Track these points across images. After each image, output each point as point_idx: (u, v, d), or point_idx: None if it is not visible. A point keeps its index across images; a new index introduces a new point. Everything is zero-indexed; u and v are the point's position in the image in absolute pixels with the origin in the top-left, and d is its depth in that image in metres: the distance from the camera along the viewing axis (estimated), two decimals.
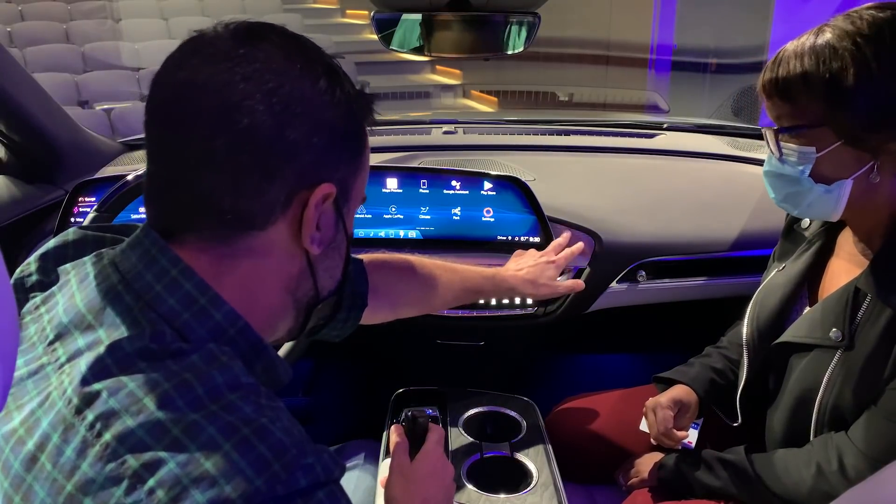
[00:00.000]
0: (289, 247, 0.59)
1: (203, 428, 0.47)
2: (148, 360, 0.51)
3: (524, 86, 4.80)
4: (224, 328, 0.56)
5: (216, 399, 0.49)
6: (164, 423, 0.47)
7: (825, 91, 0.85)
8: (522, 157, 1.74)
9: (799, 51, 0.88)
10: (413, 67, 7.80)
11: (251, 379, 0.53)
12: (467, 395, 1.31)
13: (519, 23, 1.22)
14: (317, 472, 0.49)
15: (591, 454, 1.25)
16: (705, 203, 1.52)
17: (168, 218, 0.57)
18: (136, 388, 0.49)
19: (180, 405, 0.48)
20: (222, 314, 0.56)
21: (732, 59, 5.62)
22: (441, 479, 0.85)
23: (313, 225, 0.58)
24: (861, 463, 0.89)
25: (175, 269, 0.55)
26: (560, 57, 6.05)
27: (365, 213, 1.43)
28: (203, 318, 0.55)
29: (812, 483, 0.93)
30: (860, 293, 0.91)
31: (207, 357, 0.52)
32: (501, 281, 1.12)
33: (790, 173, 0.92)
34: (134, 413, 0.47)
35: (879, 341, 0.88)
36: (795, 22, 4.88)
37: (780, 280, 1.06)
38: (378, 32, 1.27)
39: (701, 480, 1.05)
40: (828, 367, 0.92)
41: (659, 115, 3.47)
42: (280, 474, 0.47)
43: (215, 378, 0.50)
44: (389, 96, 6.40)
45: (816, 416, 0.95)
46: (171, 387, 0.49)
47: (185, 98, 0.54)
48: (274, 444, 0.48)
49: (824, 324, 0.94)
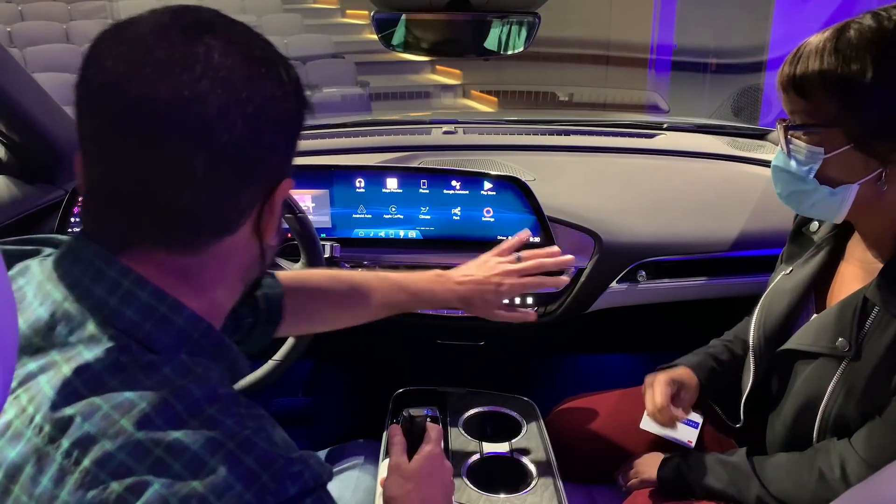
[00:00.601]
0: (251, 241, 0.59)
1: (186, 446, 0.46)
2: (118, 376, 0.49)
3: (524, 86, 4.80)
4: (188, 332, 0.54)
5: (196, 414, 0.48)
6: (144, 443, 0.46)
7: (841, 91, 0.84)
8: (522, 157, 1.74)
9: (820, 47, 0.85)
10: (413, 67, 7.80)
11: (228, 388, 0.52)
12: (467, 395, 1.31)
13: (519, 23, 1.22)
14: (305, 478, 0.49)
15: (591, 454, 1.25)
16: (705, 203, 1.52)
17: (122, 228, 0.54)
18: (112, 409, 0.47)
19: (160, 424, 0.47)
20: (184, 319, 0.54)
21: (732, 59, 5.62)
22: (439, 478, 0.85)
23: (277, 220, 0.59)
24: (864, 471, 0.87)
25: (126, 279, 0.53)
26: (560, 57, 6.04)
27: (365, 213, 1.43)
28: (166, 326, 0.53)
29: (814, 488, 0.92)
30: (868, 303, 0.89)
31: (181, 369, 0.51)
32: (436, 293, 1.05)
33: (796, 171, 0.91)
34: (112, 436, 0.46)
35: (886, 352, 0.86)
36: (795, 22, 4.88)
37: (787, 285, 1.04)
38: (378, 32, 1.28)
39: (701, 481, 1.04)
40: (833, 376, 0.91)
41: (659, 115, 3.46)
42: (269, 485, 0.47)
43: (192, 392, 0.49)
44: (389, 96, 6.41)
45: (819, 424, 0.93)
46: (148, 405, 0.47)
47: (152, 113, 0.50)
48: (260, 455, 0.48)
49: (831, 332, 0.92)
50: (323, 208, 1.43)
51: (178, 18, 0.53)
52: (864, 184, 0.87)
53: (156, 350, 0.52)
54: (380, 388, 1.42)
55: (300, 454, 0.51)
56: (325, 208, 1.43)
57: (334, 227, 1.44)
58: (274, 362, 1.18)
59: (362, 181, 1.42)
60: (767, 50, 5.14)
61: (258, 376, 1.18)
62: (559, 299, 1.41)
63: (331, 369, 1.93)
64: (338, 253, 1.33)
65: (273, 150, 0.56)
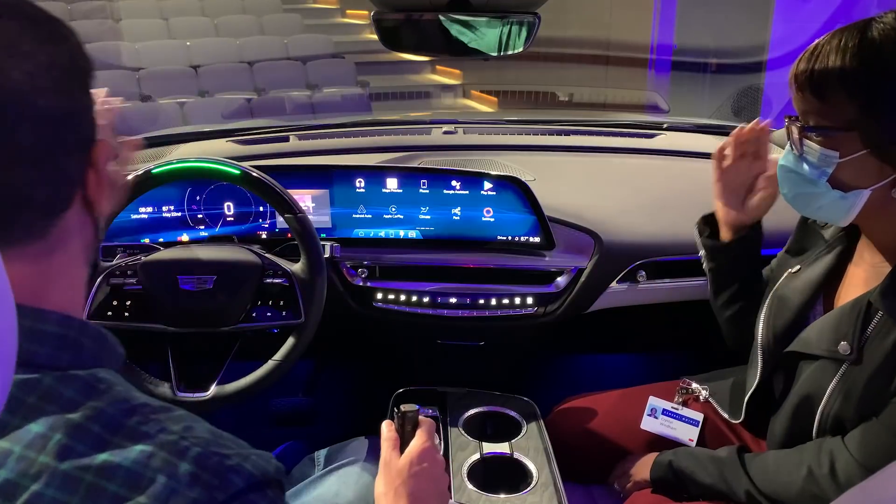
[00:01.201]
0: (84, 214, 0.57)
1: (117, 464, 0.45)
2: (16, 411, 0.45)
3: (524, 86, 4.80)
4: (63, 335, 0.51)
5: (117, 431, 0.46)
6: (71, 474, 0.44)
7: (862, 94, 0.81)
8: (522, 157, 1.74)
9: (842, 45, 0.82)
10: (413, 67, 7.80)
11: (138, 396, 0.51)
12: (467, 395, 1.31)
13: (519, 23, 1.22)
14: (248, 470, 0.48)
15: (591, 454, 1.25)
16: (705, 203, 1.51)
17: None
18: (25, 449, 0.44)
19: (82, 450, 0.45)
20: (54, 324, 0.51)
21: (732, 59, 5.61)
22: (430, 472, 0.84)
23: (107, 187, 0.57)
24: (853, 469, 0.87)
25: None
26: (560, 57, 6.04)
27: (365, 213, 1.43)
28: (38, 338, 0.50)
29: (802, 484, 0.91)
30: (872, 307, 0.88)
31: (84, 390, 0.48)
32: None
33: (807, 173, 0.88)
34: (35, 477, 0.43)
35: (886, 357, 0.86)
36: (795, 22, 4.88)
37: (797, 284, 1.03)
38: (378, 32, 1.28)
39: (692, 477, 1.04)
40: (832, 377, 0.91)
41: (659, 115, 3.47)
42: (212, 481, 0.46)
43: (105, 410, 0.47)
44: (389, 96, 6.41)
45: (818, 425, 0.93)
46: (63, 435, 0.45)
47: None
48: (195, 456, 0.47)
49: (834, 335, 0.91)
50: (323, 208, 1.43)
51: None
52: (876, 189, 0.85)
53: (36, 365, 0.48)
54: (380, 388, 1.42)
55: (237, 451, 0.50)
56: (325, 208, 1.43)
57: (334, 227, 1.44)
58: (274, 362, 1.18)
59: (362, 181, 1.42)
60: (767, 50, 5.14)
61: (258, 376, 1.18)
62: (559, 299, 1.41)
63: (331, 369, 1.92)
64: (338, 253, 1.33)
65: (84, 112, 0.55)
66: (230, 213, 1.41)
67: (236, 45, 6.99)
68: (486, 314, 1.41)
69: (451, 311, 1.41)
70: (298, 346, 1.17)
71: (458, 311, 1.41)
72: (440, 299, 1.41)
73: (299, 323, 1.17)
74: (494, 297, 1.41)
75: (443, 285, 1.41)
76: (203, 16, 7.81)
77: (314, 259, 1.18)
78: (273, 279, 1.18)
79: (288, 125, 1.98)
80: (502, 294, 1.41)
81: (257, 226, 1.43)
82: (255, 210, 1.42)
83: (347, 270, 1.42)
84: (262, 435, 1.61)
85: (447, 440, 1.19)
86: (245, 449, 0.51)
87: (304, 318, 1.17)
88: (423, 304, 1.41)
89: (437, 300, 1.41)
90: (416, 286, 1.41)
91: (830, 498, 0.88)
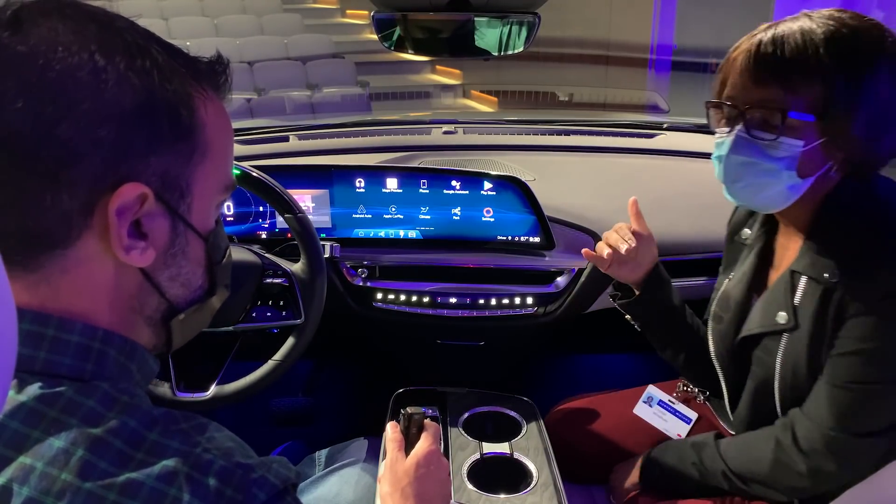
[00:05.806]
0: (108, 261, 0.51)
1: (140, 482, 0.44)
2: (36, 424, 0.44)
3: (524, 86, 4.79)
4: (87, 346, 0.49)
5: (139, 446, 0.45)
6: (95, 493, 0.43)
7: (837, 83, 0.79)
8: (522, 157, 1.74)
9: (815, 33, 0.80)
10: (413, 67, 7.80)
11: (158, 407, 0.49)
12: (467, 395, 1.31)
13: (519, 23, 1.22)
14: (271, 482, 0.48)
15: (591, 454, 1.25)
16: (705, 203, 1.52)
17: None
18: (47, 465, 0.43)
19: (104, 467, 0.44)
20: (78, 332, 0.49)
21: None
22: (435, 474, 0.84)
23: (122, 234, 0.49)
24: (811, 433, 0.89)
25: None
26: (560, 57, 6.05)
27: (365, 213, 1.43)
28: (60, 348, 0.48)
29: (772, 457, 0.93)
30: (796, 275, 0.91)
31: (106, 402, 0.47)
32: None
33: (766, 163, 0.86)
34: (58, 495, 0.43)
35: (817, 316, 0.88)
36: None
37: (731, 290, 1.05)
38: (378, 32, 1.28)
39: (674, 467, 1.07)
40: (778, 351, 0.93)
41: (659, 115, 3.46)
42: (236, 497, 0.46)
43: (127, 423, 0.46)
44: (389, 96, 6.41)
45: (780, 403, 0.95)
46: (85, 450, 0.44)
47: None
48: (218, 471, 0.46)
49: (770, 311, 0.94)
50: (323, 208, 1.43)
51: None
52: (818, 177, 0.86)
53: (56, 375, 0.47)
54: (380, 388, 1.42)
55: (259, 460, 0.49)
56: (325, 208, 1.43)
57: (334, 227, 1.44)
58: (274, 362, 1.17)
59: (362, 181, 1.42)
60: None
61: (258, 376, 1.17)
62: (559, 299, 1.41)
63: (331, 369, 1.92)
64: (337, 253, 1.33)
65: (88, 146, 0.47)
66: (230, 212, 1.41)
67: (236, 45, 7.00)
68: (486, 314, 1.42)
69: (451, 311, 1.41)
70: (298, 346, 1.17)
71: (458, 311, 1.41)
72: (440, 299, 1.41)
73: (299, 323, 1.17)
74: (494, 297, 1.41)
75: (443, 285, 1.41)
76: (203, 16, 7.81)
77: (314, 259, 1.18)
78: (273, 279, 1.18)
79: (288, 125, 1.98)
80: (502, 294, 1.41)
81: (257, 226, 1.43)
82: (255, 210, 1.42)
83: (347, 270, 1.42)
84: (262, 435, 1.62)
85: (447, 440, 1.19)
86: (267, 459, 0.50)
87: (304, 318, 1.17)
88: (423, 304, 1.41)
89: (437, 300, 1.41)
90: (416, 286, 1.41)
91: (800, 468, 0.91)
